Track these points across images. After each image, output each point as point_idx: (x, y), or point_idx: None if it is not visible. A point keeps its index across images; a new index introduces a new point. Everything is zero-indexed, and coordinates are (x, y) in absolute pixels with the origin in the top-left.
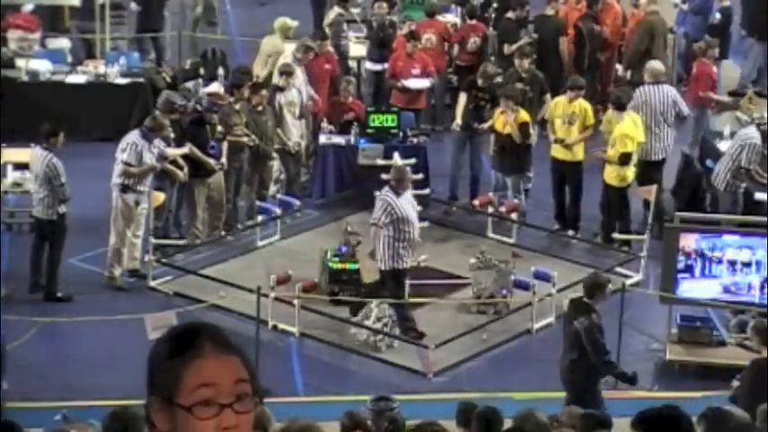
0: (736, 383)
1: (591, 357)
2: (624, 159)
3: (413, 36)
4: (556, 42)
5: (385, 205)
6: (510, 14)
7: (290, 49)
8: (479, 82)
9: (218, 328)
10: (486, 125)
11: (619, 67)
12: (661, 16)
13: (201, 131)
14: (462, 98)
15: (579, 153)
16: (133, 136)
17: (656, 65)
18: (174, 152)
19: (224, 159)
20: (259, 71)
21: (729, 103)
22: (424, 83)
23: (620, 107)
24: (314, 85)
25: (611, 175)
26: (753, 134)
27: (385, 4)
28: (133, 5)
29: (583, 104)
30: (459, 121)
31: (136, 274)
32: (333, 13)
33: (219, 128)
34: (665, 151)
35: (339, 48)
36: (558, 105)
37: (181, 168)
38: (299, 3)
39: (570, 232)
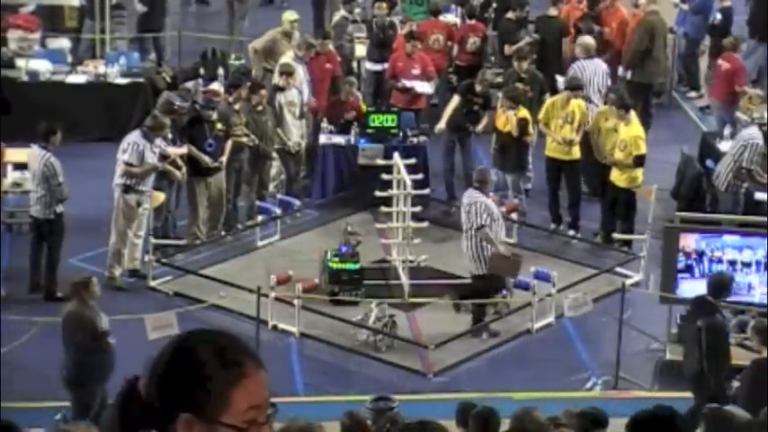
0: (735, 384)
1: (702, 358)
2: (639, 161)
3: (413, 36)
4: (558, 43)
5: (482, 207)
6: (510, 15)
7: (291, 49)
8: (477, 88)
9: (235, 335)
10: (480, 127)
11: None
12: (661, 16)
13: (199, 130)
14: (454, 101)
15: (576, 152)
16: (134, 136)
17: (587, 39)
18: (174, 151)
19: (224, 158)
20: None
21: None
22: (425, 87)
23: (627, 108)
24: (314, 85)
25: (620, 177)
26: (755, 134)
27: (385, 5)
28: (139, 6)
29: (580, 104)
30: (442, 125)
31: (136, 274)
32: (338, 15)
33: (219, 125)
34: None
35: (342, 49)
36: (555, 105)
37: (179, 168)
38: (301, 3)
39: (570, 232)
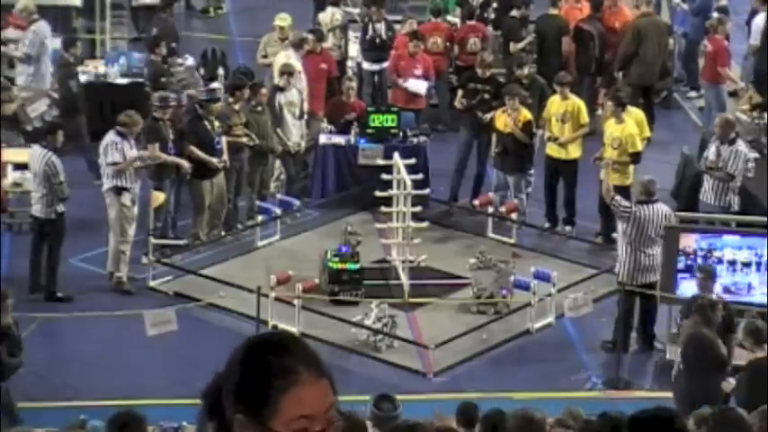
0: (726, 385)
1: None
2: (635, 159)
3: (416, 36)
4: (558, 42)
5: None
6: (515, 12)
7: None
8: (478, 72)
9: (304, 343)
10: (487, 116)
11: None
12: (655, 18)
13: (204, 129)
14: (459, 94)
15: (573, 151)
16: (110, 137)
17: None
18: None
19: (225, 156)
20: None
21: (743, 87)
22: (421, 86)
23: (623, 105)
24: (309, 85)
25: (612, 175)
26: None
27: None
28: None
29: (576, 103)
30: (458, 102)
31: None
32: (327, 15)
33: (217, 123)
34: None
35: (340, 50)
36: (552, 104)
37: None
38: (302, 3)
39: (567, 229)
